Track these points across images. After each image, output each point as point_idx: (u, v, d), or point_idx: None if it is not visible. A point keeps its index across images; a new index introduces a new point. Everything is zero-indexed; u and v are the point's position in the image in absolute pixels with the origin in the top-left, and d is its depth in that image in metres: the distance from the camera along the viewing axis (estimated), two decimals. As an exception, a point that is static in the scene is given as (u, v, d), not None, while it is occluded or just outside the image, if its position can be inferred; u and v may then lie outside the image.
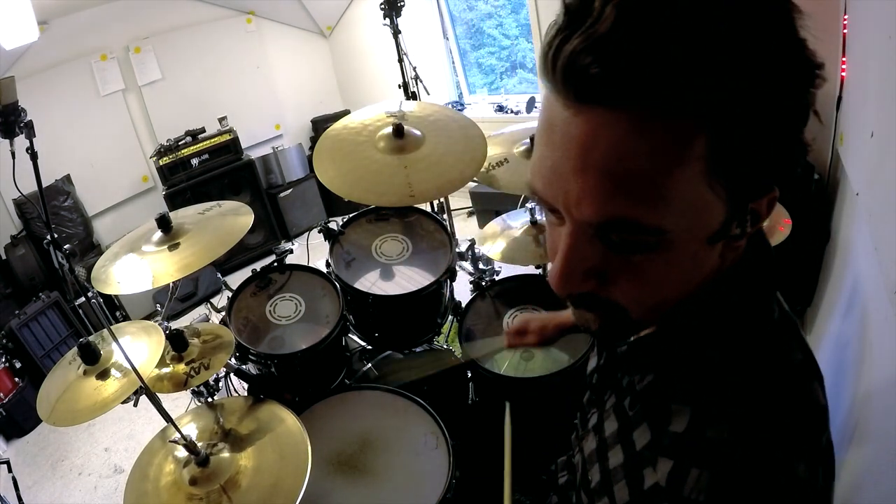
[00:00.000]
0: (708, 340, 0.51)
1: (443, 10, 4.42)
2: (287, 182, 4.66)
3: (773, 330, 0.53)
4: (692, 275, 0.48)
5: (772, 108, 0.39)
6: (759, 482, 0.45)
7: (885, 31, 1.37)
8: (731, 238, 0.47)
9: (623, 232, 0.42)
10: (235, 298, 1.76)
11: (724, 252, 0.49)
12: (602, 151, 0.39)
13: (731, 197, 0.42)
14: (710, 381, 0.49)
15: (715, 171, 0.40)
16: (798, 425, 0.49)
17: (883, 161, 1.38)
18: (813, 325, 2.34)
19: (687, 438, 0.48)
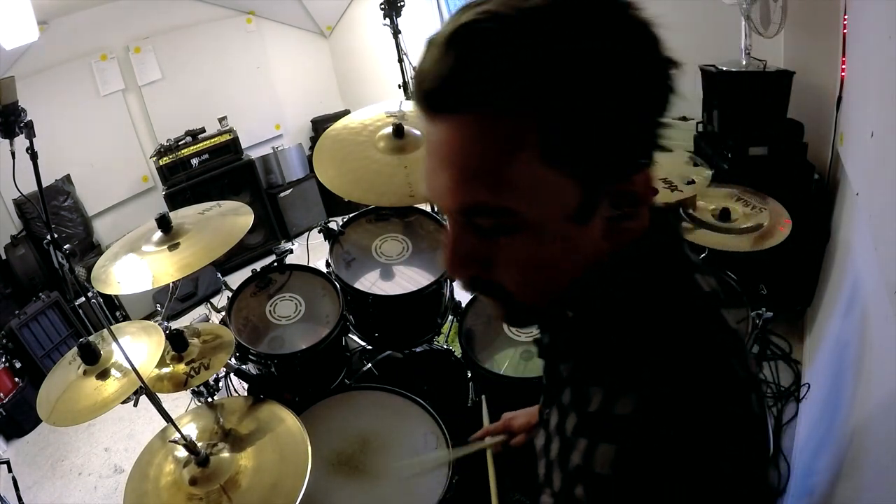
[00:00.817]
0: (614, 319, 0.54)
1: (443, 11, 4.42)
2: (287, 182, 4.66)
3: (682, 305, 0.54)
4: (571, 255, 0.52)
5: (599, 101, 0.45)
6: (664, 453, 0.47)
7: (885, 31, 1.37)
8: (613, 220, 0.51)
9: (480, 216, 0.49)
10: (235, 298, 1.76)
11: (610, 234, 0.52)
12: (452, 149, 0.48)
13: (580, 178, 0.47)
14: (618, 359, 0.52)
15: (551, 157, 0.46)
16: (706, 397, 0.49)
17: (883, 161, 1.38)
18: (813, 325, 2.34)
19: (597, 416, 0.51)
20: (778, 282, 2.03)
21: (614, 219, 0.50)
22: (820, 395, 1.92)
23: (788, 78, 2.25)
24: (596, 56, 0.44)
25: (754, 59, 2.35)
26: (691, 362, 0.50)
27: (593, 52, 0.44)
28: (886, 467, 1.05)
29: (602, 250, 0.52)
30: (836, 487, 1.37)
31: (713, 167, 1.93)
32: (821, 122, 2.31)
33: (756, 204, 1.81)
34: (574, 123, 0.45)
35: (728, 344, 0.54)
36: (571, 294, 0.55)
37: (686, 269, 0.57)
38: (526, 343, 1.63)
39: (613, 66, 0.45)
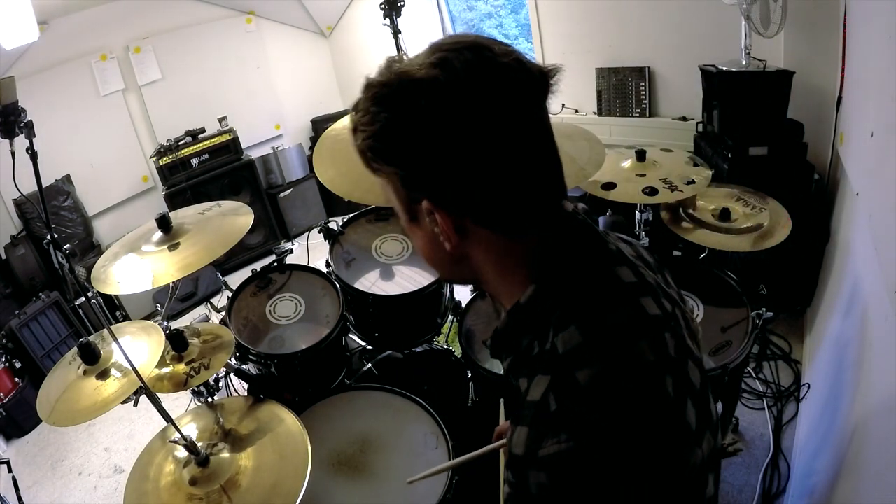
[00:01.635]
0: (536, 317, 0.62)
1: (443, 10, 4.42)
2: (287, 182, 4.66)
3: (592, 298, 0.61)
4: (420, 244, 0.68)
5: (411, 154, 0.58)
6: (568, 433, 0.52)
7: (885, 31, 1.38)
8: (441, 235, 0.62)
9: None
10: (235, 298, 1.76)
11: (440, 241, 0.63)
12: None
13: (399, 197, 0.64)
14: (536, 352, 0.61)
15: (385, 179, 0.64)
16: (609, 379, 0.55)
17: (883, 161, 1.38)
18: (813, 325, 2.34)
19: (523, 404, 0.59)
20: (778, 282, 2.03)
21: (433, 232, 0.63)
22: (820, 395, 1.92)
23: (788, 78, 2.25)
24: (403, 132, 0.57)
25: (754, 59, 2.35)
26: (595, 347, 0.56)
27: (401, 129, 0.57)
28: (886, 467, 1.05)
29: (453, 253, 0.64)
30: (836, 487, 1.37)
31: (713, 167, 1.93)
32: (821, 122, 2.31)
33: (756, 204, 1.81)
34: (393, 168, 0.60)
35: (638, 329, 0.59)
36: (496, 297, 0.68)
37: (604, 263, 0.64)
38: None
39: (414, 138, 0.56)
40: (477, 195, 0.59)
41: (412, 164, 0.59)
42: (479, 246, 0.63)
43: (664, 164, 1.82)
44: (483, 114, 0.55)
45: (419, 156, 0.58)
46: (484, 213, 0.60)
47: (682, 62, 2.87)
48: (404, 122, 0.57)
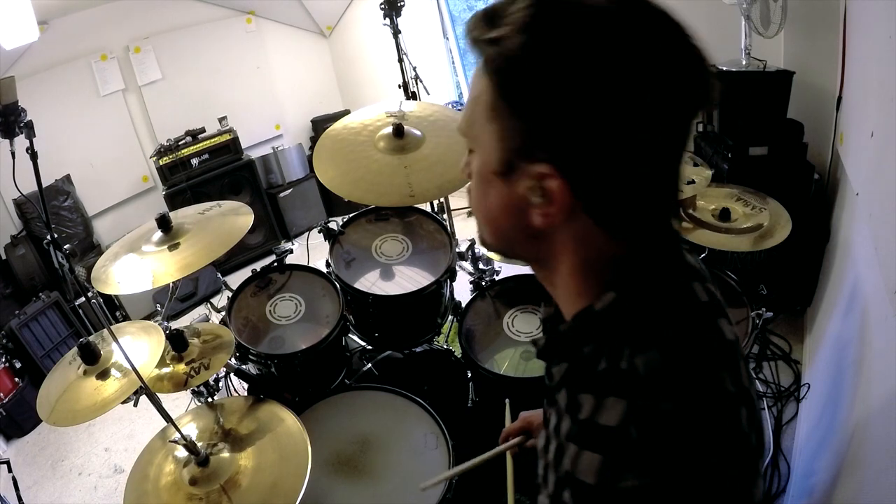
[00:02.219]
0: (610, 327, 0.55)
1: (443, 10, 4.42)
2: (287, 182, 4.66)
3: (674, 318, 0.55)
4: (495, 203, 0.58)
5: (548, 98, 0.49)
6: (645, 468, 0.47)
7: (885, 31, 1.38)
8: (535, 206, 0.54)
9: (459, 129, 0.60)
10: (235, 298, 1.76)
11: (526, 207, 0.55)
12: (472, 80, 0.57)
13: (501, 142, 0.53)
14: (609, 368, 0.53)
15: (491, 112, 0.53)
16: (692, 409, 0.50)
17: (883, 161, 1.38)
18: (813, 325, 2.34)
19: (585, 424, 0.52)
20: (778, 282, 2.03)
21: (528, 199, 0.54)
22: (820, 395, 1.92)
23: (788, 78, 2.25)
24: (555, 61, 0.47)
25: (754, 59, 2.35)
26: (680, 376, 0.51)
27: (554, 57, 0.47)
28: (886, 467, 1.05)
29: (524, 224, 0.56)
30: (836, 487, 1.37)
31: (713, 167, 1.93)
32: (821, 122, 2.31)
33: (756, 204, 1.81)
34: (510, 103, 0.51)
35: (720, 358, 0.54)
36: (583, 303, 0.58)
37: (683, 279, 0.58)
38: (526, 343, 1.63)
39: (566, 77, 0.47)
40: (615, 179, 0.51)
41: (557, 112, 0.48)
42: (570, 233, 0.55)
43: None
44: (664, 90, 0.48)
45: (572, 104, 0.48)
46: (609, 202, 0.52)
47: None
48: (574, 53, 0.47)
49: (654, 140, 0.50)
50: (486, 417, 1.73)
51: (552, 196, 0.51)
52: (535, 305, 1.71)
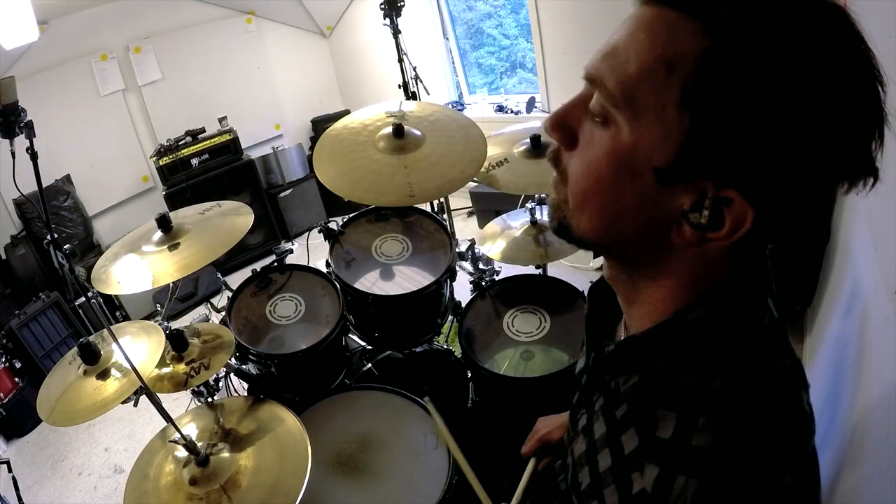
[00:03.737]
0: (695, 344, 0.53)
1: (443, 10, 4.42)
2: (287, 182, 4.66)
3: (762, 336, 0.53)
4: (624, 195, 0.49)
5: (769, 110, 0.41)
6: (745, 491, 0.46)
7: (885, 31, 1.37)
8: (689, 220, 0.48)
9: (599, 91, 0.48)
10: (235, 298, 1.76)
11: (679, 229, 0.49)
12: (634, 28, 0.47)
13: (688, 139, 0.44)
14: (696, 386, 0.50)
15: (687, 98, 0.43)
16: (785, 434, 0.49)
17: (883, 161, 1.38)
18: (813, 325, 2.34)
19: (672, 445, 0.49)
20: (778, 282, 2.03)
21: (691, 222, 0.47)
22: (820, 396, 1.92)
23: (788, 78, 2.25)
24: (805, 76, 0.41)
25: (754, 59, 2.35)
26: (772, 399, 0.49)
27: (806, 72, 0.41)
28: (886, 467, 1.05)
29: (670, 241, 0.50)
30: (836, 486, 1.37)
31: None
32: (821, 122, 2.31)
33: (756, 204, 1.81)
34: (729, 103, 0.42)
35: (799, 378, 0.54)
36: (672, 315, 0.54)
37: (762, 300, 0.56)
38: (526, 343, 1.63)
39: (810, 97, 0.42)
40: (786, 217, 0.47)
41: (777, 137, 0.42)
42: (701, 255, 0.50)
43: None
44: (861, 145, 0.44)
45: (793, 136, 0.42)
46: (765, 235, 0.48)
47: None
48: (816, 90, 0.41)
49: (836, 180, 0.46)
50: (486, 417, 1.73)
51: (729, 224, 0.46)
52: (535, 305, 1.71)
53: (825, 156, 0.43)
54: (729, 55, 0.41)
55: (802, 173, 0.44)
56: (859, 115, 0.43)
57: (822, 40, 0.42)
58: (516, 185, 1.72)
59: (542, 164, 1.76)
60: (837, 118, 0.42)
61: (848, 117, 0.43)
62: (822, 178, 0.45)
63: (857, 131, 0.44)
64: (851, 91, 0.42)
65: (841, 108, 0.42)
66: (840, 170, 0.45)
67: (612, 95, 0.47)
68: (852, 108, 0.43)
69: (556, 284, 1.75)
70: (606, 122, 0.48)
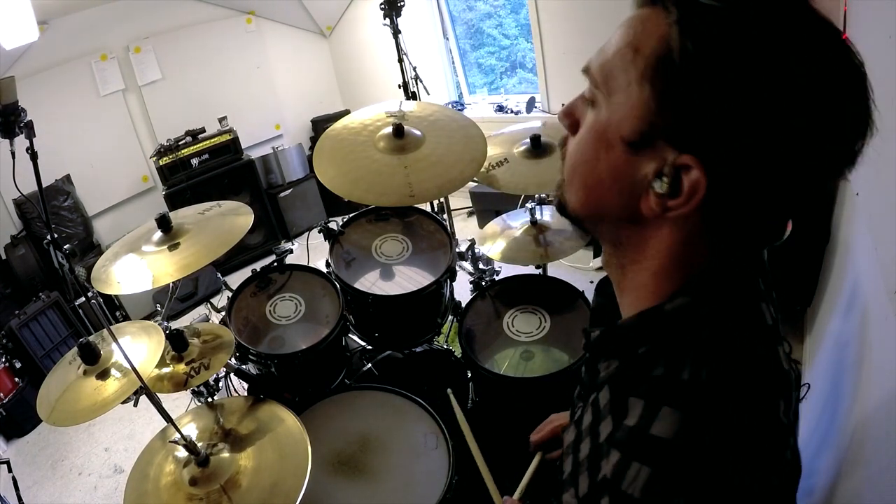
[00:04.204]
0: (676, 332, 0.53)
1: (443, 10, 4.42)
2: (287, 182, 4.66)
3: (747, 334, 0.53)
4: (602, 166, 0.53)
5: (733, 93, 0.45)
6: (696, 486, 0.46)
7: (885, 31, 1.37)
8: (656, 192, 0.50)
9: (589, 79, 0.55)
10: (235, 298, 1.76)
11: (646, 194, 0.51)
12: (621, 27, 0.52)
13: (650, 113, 0.48)
14: (667, 375, 0.51)
15: (647, 72, 0.48)
16: (749, 434, 0.48)
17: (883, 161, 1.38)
18: (813, 325, 2.34)
19: (634, 432, 0.49)
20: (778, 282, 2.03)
21: (655, 191, 0.50)
22: (820, 396, 1.92)
23: (788, 78, 2.25)
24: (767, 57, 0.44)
25: (754, 59, 2.35)
26: (742, 397, 0.49)
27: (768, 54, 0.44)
28: (887, 467, 1.05)
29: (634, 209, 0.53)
30: (836, 487, 1.37)
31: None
32: (821, 122, 2.30)
33: (756, 204, 1.81)
34: (680, 77, 0.46)
35: (779, 386, 0.53)
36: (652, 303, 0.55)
37: (755, 298, 0.56)
38: (526, 343, 1.63)
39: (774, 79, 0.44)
40: (756, 192, 0.48)
41: (732, 105, 0.44)
42: (674, 232, 0.52)
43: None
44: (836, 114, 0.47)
45: (750, 104, 0.44)
46: (735, 213, 0.50)
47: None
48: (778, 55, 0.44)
49: (811, 161, 0.48)
50: (486, 417, 1.73)
51: (685, 191, 0.48)
52: (535, 305, 1.71)
53: (777, 124, 0.45)
54: (683, 34, 0.46)
55: (754, 141, 0.45)
56: (810, 83, 0.45)
57: (770, 20, 0.45)
58: (516, 185, 1.72)
59: (542, 164, 1.76)
60: (786, 86, 0.44)
61: (799, 85, 0.44)
62: (779, 164, 0.46)
63: (808, 99, 0.45)
64: (799, 59, 0.44)
65: (788, 77, 0.44)
66: (799, 145, 0.46)
67: (594, 79, 0.53)
68: (803, 75, 0.44)
69: (556, 284, 1.75)
70: (594, 104, 0.54)
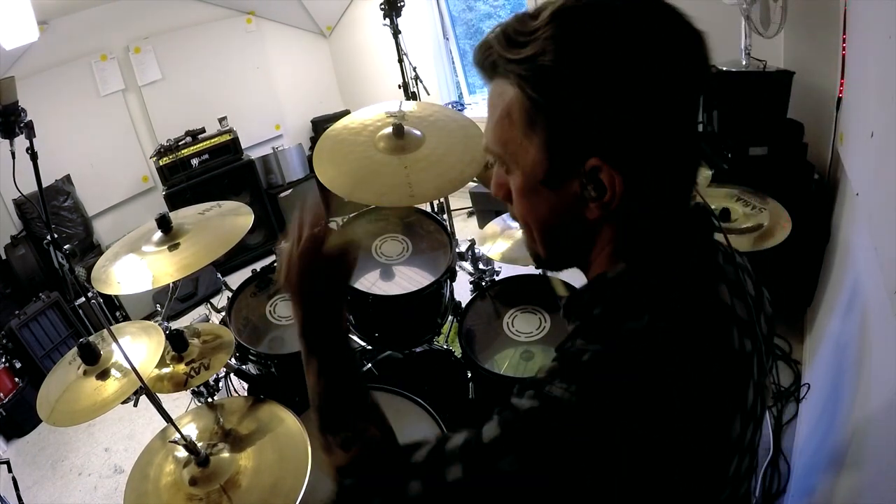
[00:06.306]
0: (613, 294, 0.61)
1: (443, 10, 4.43)
2: (287, 182, 4.66)
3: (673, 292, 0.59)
4: (546, 210, 0.62)
5: (574, 101, 0.53)
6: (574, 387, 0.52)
7: (885, 31, 1.37)
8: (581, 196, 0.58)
9: (494, 156, 0.63)
10: (235, 299, 1.76)
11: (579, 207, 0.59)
12: (489, 103, 0.61)
13: (548, 150, 0.57)
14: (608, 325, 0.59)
15: (528, 127, 0.57)
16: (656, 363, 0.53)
17: (883, 161, 1.38)
18: (813, 325, 2.34)
19: (568, 351, 0.58)
20: (778, 282, 2.03)
21: (582, 196, 0.58)
22: (820, 395, 1.92)
23: (788, 78, 2.25)
24: (587, 67, 0.52)
25: (754, 59, 2.35)
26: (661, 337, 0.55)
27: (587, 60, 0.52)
28: (887, 467, 1.05)
29: (582, 220, 0.60)
30: (836, 487, 1.37)
31: (713, 167, 1.93)
32: (821, 122, 2.31)
33: (756, 204, 1.81)
34: (547, 110, 0.55)
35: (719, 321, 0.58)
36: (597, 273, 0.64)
37: (704, 272, 0.62)
38: (526, 343, 1.63)
39: (599, 78, 0.52)
40: (651, 156, 0.56)
41: (597, 110, 0.53)
42: (614, 217, 0.59)
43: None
44: (679, 58, 0.54)
45: (608, 99, 0.52)
46: (647, 178, 0.57)
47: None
48: (594, 50, 0.52)
49: (675, 117, 0.56)
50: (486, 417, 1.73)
51: (607, 186, 0.56)
52: (535, 305, 1.71)
53: (626, 106, 0.53)
54: (526, 88, 0.55)
55: (634, 129, 0.54)
56: (669, 75, 0.53)
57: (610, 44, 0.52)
58: (516, 185, 1.72)
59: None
60: (620, 81, 0.52)
61: (657, 79, 0.53)
62: (654, 128, 0.54)
63: (669, 87, 0.54)
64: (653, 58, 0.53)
65: (620, 74, 0.52)
66: (665, 119, 0.55)
67: (498, 155, 0.62)
68: (652, 71, 0.53)
69: (556, 284, 1.76)
70: (508, 171, 0.63)
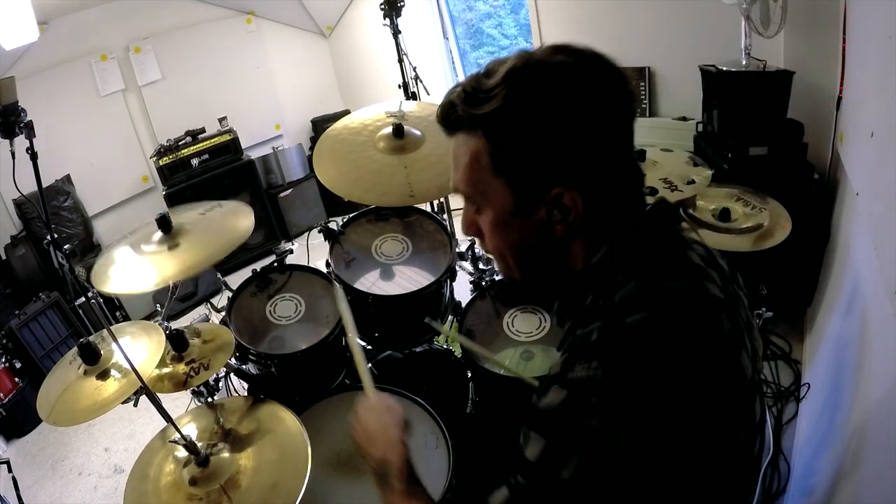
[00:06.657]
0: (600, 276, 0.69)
1: (442, 10, 4.42)
2: (287, 182, 4.66)
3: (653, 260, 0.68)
4: (517, 238, 0.71)
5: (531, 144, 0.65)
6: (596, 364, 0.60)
7: (885, 31, 1.37)
8: (548, 220, 0.68)
9: (465, 198, 0.75)
10: (235, 298, 1.76)
11: (547, 230, 0.69)
12: (455, 154, 0.73)
13: (515, 186, 0.68)
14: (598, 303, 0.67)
15: (494, 169, 0.68)
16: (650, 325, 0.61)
17: (883, 161, 1.38)
18: (813, 324, 2.34)
19: (577, 339, 0.66)
20: (778, 282, 2.03)
21: (549, 220, 0.68)
22: (820, 395, 1.92)
23: (788, 78, 2.25)
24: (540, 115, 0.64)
25: (754, 59, 2.35)
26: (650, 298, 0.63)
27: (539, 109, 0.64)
28: (886, 467, 1.05)
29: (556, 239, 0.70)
30: (836, 487, 1.37)
31: (713, 167, 1.93)
32: (821, 122, 2.31)
33: (756, 204, 1.81)
34: (511, 154, 0.66)
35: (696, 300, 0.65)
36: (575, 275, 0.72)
37: (681, 245, 0.72)
38: (526, 343, 1.63)
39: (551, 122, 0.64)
40: (601, 172, 0.67)
41: (553, 146, 0.64)
42: (582, 228, 0.68)
43: (664, 164, 1.82)
44: (610, 96, 0.66)
45: (560, 136, 0.64)
46: (602, 190, 0.67)
47: (682, 62, 2.87)
48: (544, 101, 0.63)
49: (614, 140, 0.68)
50: (486, 417, 1.73)
51: (570, 207, 0.66)
52: (535, 305, 1.71)
53: (594, 139, 0.65)
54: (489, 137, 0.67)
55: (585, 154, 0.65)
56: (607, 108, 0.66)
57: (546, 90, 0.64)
58: (516, 185, 1.72)
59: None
60: (589, 117, 0.64)
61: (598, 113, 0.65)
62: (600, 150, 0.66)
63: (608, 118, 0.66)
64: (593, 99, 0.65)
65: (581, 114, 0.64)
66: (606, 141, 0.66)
67: (469, 196, 0.73)
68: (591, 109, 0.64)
69: (556, 284, 1.75)
70: (480, 209, 0.73)
